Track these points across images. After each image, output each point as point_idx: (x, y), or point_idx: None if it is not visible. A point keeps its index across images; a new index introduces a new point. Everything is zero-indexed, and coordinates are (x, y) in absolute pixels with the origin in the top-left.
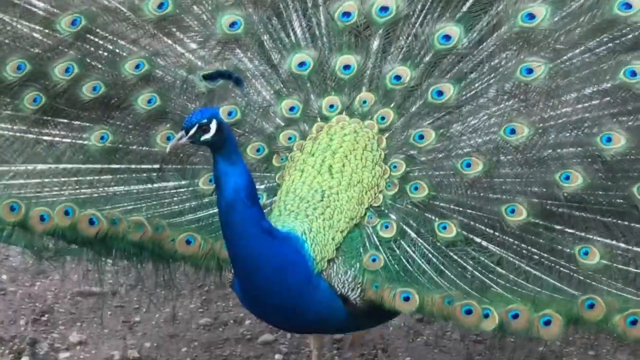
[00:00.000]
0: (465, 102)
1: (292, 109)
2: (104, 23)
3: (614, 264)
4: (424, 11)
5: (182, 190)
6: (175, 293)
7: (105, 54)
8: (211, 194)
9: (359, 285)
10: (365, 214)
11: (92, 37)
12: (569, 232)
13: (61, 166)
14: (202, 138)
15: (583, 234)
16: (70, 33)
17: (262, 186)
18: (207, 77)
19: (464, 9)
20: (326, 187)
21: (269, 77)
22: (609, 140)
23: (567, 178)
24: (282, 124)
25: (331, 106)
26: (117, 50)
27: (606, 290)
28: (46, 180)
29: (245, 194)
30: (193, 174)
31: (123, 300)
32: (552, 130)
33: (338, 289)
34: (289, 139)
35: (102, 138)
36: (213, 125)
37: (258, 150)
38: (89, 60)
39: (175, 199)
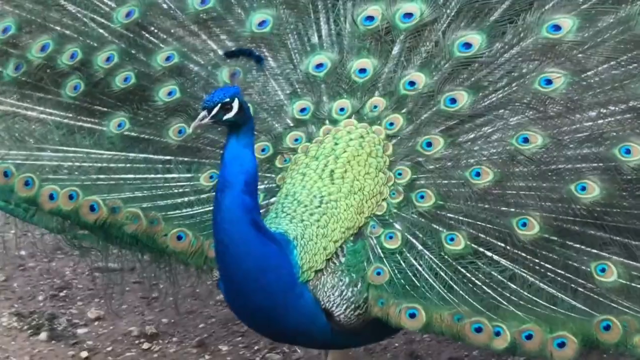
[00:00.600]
0: (479, 112)
1: (303, 110)
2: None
3: (632, 284)
4: (449, 19)
5: (183, 183)
6: (175, 288)
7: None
8: (209, 191)
9: (345, 301)
10: (366, 223)
11: (139, 30)
12: (585, 249)
13: (80, 150)
14: (225, 117)
15: (599, 251)
16: (122, 24)
17: (262, 186)
18: (229, 55)
19: (491, 18)
20: (325, 193)
21: (286, 76)
22: (628, 152)
23: (584, 189)
24: (291, 124)
25: (341, 109)
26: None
27: (624, 311)
28: (63, 163)
29: (246, 179)
30: (197, 169)
31: (141, 276)
32: (567, 140)
33: (322, 302)
34: (296, 140)
35: (119, 125)
36: (235, 104)
37: (263, 150)
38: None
39: (175, 191)
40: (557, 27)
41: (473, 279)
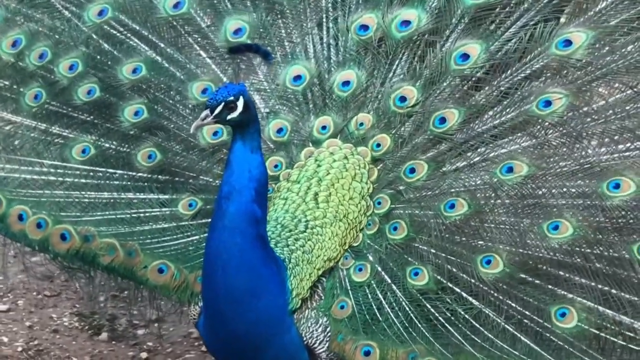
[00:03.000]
0: (468, 134)
1: (280, 130)
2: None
3: (593, 330)
4: (449, 29)
5: (160, 210)
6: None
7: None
8: (189, 219)
9: (327, 338)
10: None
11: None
12: (549, 289)
13: (48, 162)
14: (229, 117)
15: (564, 293)
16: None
17: None
18: (233, 51)
19: (492, 27)
20: (311, 217)
21: (262, 91)
22: (617, 187)
23: (556, 228)
24: (271, 146)
25: (323, 128)
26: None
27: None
28: (33, 177)
29: (256, 188)
30: (174, 191)
31: None
32: (553, 171)
33: (305, 338)
34: (275, 166)
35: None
36: (240, 103)
37: None
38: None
39: (153, 214)
40: (568, 42)
41: (436, 314)
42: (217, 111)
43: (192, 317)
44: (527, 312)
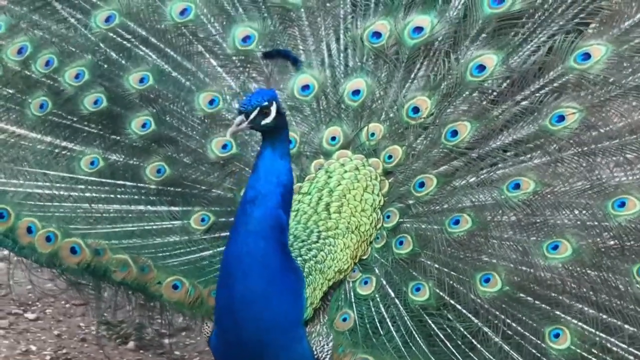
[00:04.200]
0: (481, 149)
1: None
2: None
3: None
4: (463, 36)
5: (172, 222)
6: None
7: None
8: (201, 234)
9: (331, 350)
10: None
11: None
12: (546, 309)
13: (55, 174)
14: (263, 122)
15: (558, 314)
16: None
17: None
18: (267, 56)
19: (511, 38)
20: (323, 228)
21: None
22: (622, 205)
23: (555, 248)
24: None
25: (333, 139)
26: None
27: None
28: (39, 190)
29: (282, 193)
30: (185, 208)
31: None
32: (560, 189)
33: (316, 352)
34: None
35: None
36: (273, 108)
37: None
38: None
39: (164, 226)
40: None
41: (437, 330)
42: (252, 116)
43: (205, 334)
44: (524, 332)
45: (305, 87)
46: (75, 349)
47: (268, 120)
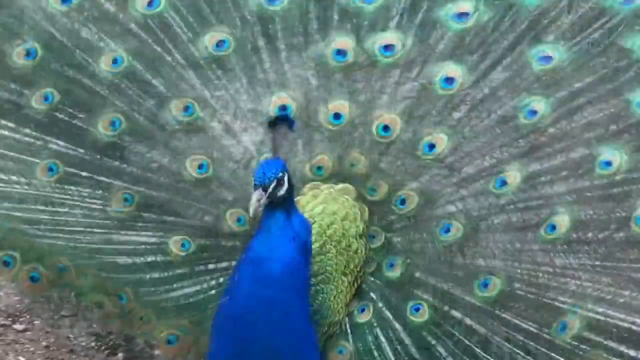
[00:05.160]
0: (460, 160)
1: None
2: None
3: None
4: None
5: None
6: None
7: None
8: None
9: None
10: None
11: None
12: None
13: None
14: (279, 194)
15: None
16: None
17: None
18: (272, 125)
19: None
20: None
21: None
22: (608, 164)
23: (554, 228)
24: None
25: (319, 168)
26: None
27: None
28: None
29: (302, 240)
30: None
31: None
32: (545, 177)
33: None
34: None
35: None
36: (286, 178)
37: None
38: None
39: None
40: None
41: (439, 348)
42: (270, 189)
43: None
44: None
45: (282, 109)
46: None
47: (282, 191)
